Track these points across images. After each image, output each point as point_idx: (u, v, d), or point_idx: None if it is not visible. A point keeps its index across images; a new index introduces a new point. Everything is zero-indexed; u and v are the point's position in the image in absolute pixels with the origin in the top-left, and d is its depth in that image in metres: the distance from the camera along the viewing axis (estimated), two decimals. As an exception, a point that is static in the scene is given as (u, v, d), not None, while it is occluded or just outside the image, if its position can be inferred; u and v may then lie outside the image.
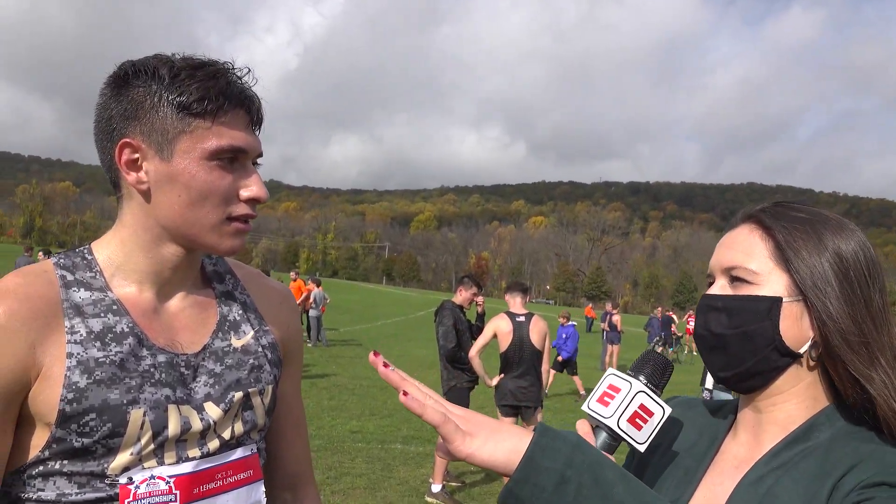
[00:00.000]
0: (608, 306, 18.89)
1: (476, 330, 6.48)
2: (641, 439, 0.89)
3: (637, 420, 0.89)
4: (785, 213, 0.92)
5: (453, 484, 6.43)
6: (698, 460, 0.98)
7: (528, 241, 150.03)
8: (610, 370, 0.95)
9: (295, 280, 18.30)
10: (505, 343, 5.95)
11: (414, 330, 25.07)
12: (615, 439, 0.90)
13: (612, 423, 0.89)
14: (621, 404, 0.89)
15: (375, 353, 0.79)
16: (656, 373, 0.92)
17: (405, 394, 0.78)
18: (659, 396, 0.92)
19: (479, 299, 6.61)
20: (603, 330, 18.66)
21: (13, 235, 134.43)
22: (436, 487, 5.92)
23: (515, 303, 6.12)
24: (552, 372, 11.26)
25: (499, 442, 0.76)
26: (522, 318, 6.00)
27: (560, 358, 12.56)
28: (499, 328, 5.99)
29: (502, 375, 6.01)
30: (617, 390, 0.91)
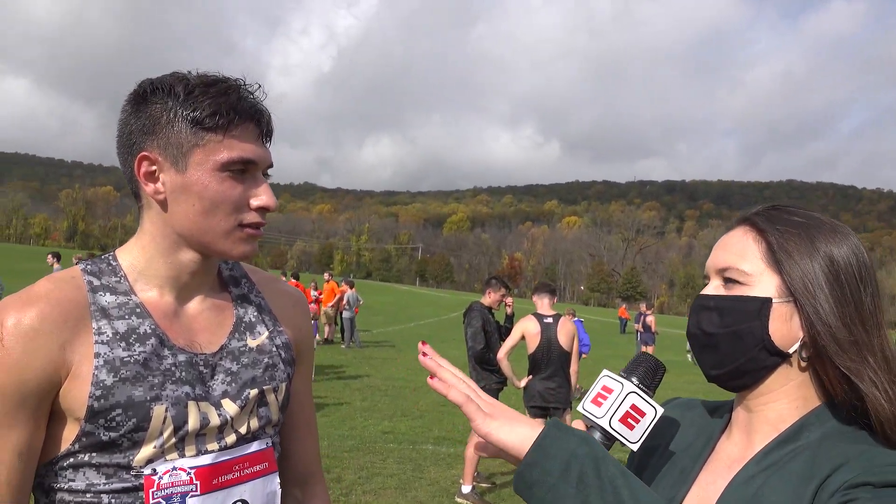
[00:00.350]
0: (642, 307, 18.70)
1: (505, 331, 6.50)
2: (634, 438, 0.92)
3: (629, 420, 0.92)
4: (780, 217, 0.94)
5: (483, 485, 6.46)
6: (694, 460, 1.00)
7: (561, 241, 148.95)
8: (604, 372, 0.98)
9: (328, 281, 18.51)
10: (533, 344, 5.97)
11: (447, 331, 25.13)
12: (608, 439, 0.92)
13: (604, 423, 0.92)
14: (613, 405, 0.92)
15: (423, 342, 0.90)
16: (648, 374, 0.95)
17: (432, 377, 0.88)
18: (651, 397, 0.94)
19: (509, 300, 6.63)
20: (637, 331, 18.49)
21: (57, 239, 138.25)
22: (466, 488, 5.95)
23: (543, 304, 6.13)
24: None
25: (514, 427, 0.84)
26: (550, 320, 6.01)
27: (584, 355, 12.23)
28: (527, 330, 6.00)
29: (530, 377, 6.02)
30: (610, 391, 0.93)
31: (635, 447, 0.93)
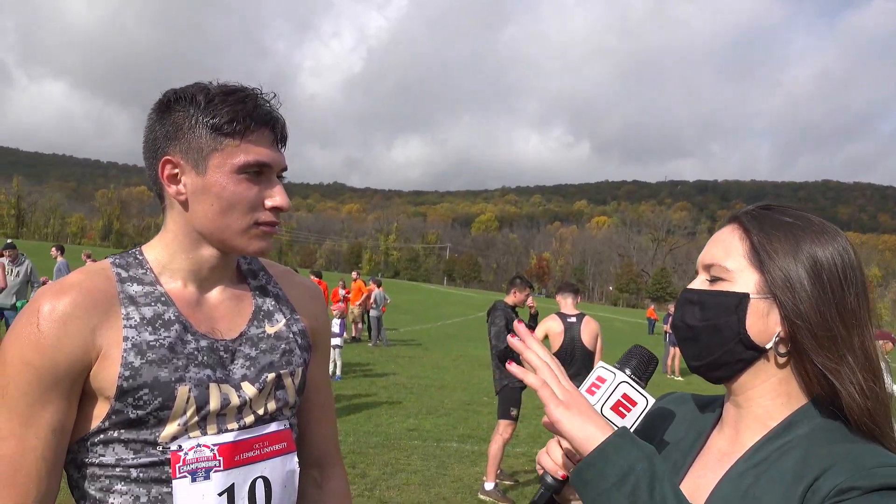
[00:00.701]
0: (671, 308, 18.52)
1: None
2: (625, 426, 0.95)
3: (620, 408, 0.96)
4: (768, 216, 0.97)
5: (506, 482, 6.50)
6: (685, 453, 1.03)
7: (590, 241, 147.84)
8: (600, 363, 1.02)
9: (356, 280, 18.66)
10: (556, 344, 5.98)
11: (474, 330, 25.16)
12: None
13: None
14: (605, 393, 0.97)
15: (519, 321, 0.94)
16: (640, 365, 0.99)
17: (510, 362, 0.93)
18: (643, 388, 0.98)
19: (531, 301, 6.67)
20: (665, 332, 18.33)
21: (93, 238, 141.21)
22: (489, 485, 6.00)
23: (566, 303, 6.15)
24: None
25: (584, 423, 0.87)
26: (573, 319, 6.03)
27: None
28: (550, 329, 6.03)
29: (554, 375, 6.04)
30: (603, 381, 0.98)
31: None
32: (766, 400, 0.95)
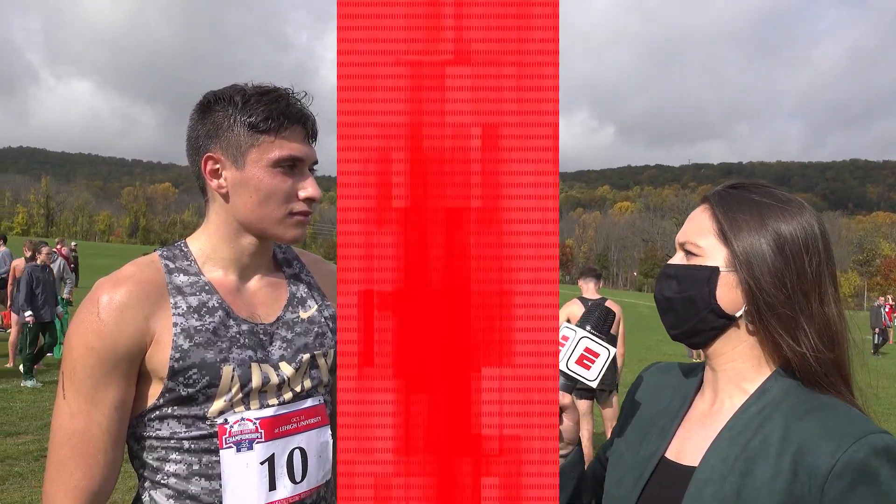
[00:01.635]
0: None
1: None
2: (591, 377, 1.06)
3: (584, 361, 1.06)
4: (736, 195, 1.05)
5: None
6: (672, 418, 1.12)
7: (613, 227, 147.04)
8: (564, 324, 1.11)
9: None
10: (579, 328, 6.04)
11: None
12: (570, 380, 1.07)
13: (561, 366, 1.06)
14: (569, 349, 1.07)
15: None
16: (600, 321, 1.09)
17: None
18: (604, 340, 1.08)
19: None
20: (690, 316, 18.14)
21: (120, 235, 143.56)
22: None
23: (588, 288, 6.21)
24: None
25: None
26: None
27: None
28: (572, 313, 6.08)
29: (577, 360, 6.12)
30: (567, 339, 1.08)
31: (594, 384, 1.07)
32: (738, 363, 1.04)
